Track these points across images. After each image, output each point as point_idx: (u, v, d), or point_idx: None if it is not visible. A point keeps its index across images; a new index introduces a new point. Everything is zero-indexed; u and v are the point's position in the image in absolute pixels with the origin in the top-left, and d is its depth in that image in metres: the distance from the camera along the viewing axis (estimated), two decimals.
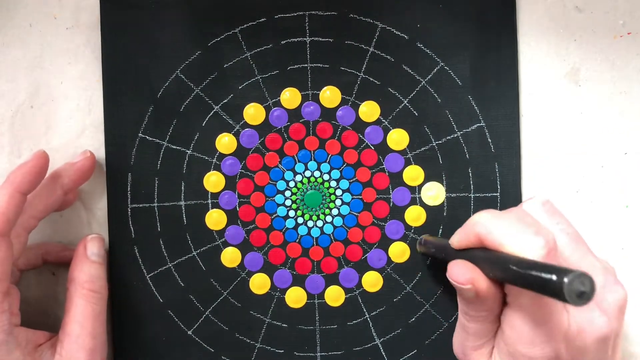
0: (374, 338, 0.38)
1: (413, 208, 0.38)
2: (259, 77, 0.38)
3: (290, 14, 0.37)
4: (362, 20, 0.37)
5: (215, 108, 0.38)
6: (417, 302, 0.38)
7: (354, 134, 0.38)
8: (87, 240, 0.36)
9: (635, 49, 0.37)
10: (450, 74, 0.37)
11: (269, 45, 0.37)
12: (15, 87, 0.38)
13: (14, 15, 0.38)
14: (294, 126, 0.38)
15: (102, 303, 0.35)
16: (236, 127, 0.38)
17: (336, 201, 0.38)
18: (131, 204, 0.38)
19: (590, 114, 0.37)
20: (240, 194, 0.38)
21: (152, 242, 0.38)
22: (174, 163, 0.38)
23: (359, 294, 0.38)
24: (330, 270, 0.38)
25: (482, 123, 0.37)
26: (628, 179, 0.38)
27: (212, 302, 0.38)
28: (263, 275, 0.38)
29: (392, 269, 0.38)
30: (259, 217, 0.38)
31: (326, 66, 0.37)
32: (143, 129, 0.38)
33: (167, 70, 0.37)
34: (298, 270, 0.38)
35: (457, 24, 0.37)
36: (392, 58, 0.37)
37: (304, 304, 0.38)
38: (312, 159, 0.38)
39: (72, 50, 0.38)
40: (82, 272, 0.34)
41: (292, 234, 0.38)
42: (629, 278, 0.38)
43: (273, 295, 0.38)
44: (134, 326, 0.38)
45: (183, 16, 0.37)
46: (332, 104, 0.38)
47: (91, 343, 0.33)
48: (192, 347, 0.38)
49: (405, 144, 0.38)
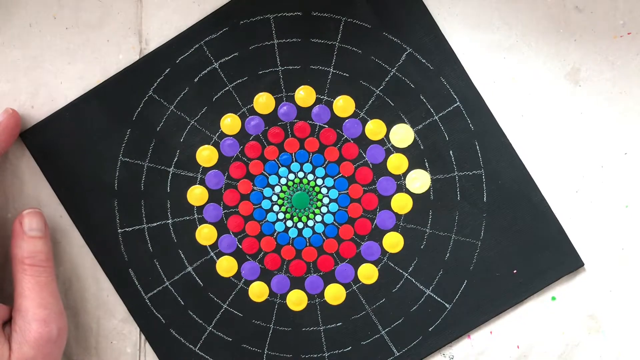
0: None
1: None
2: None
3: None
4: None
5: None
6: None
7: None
8: (23, 216, 0.35)
9: (635, 49, 0.37)
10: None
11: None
12: (15, 87, 0.38)
13: (14, 15, 0.38)
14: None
15: (47, 274, 0.35)
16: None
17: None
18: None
19: (590, 114, 0.37)
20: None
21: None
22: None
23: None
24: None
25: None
26: (628, 179, 0.37)
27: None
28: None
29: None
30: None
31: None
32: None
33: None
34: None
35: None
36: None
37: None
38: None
39: (72, 50, 0.38)
40: (20, 249, 0.35)
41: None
42: (629, 278, 0.38)
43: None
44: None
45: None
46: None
47: (42, 313, 0.34)
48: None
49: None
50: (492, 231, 0.37)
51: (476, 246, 0.38)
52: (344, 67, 0.37)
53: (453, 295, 0.38)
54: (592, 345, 0.38)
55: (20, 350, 0.33)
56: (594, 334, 0.38)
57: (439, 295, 0.38)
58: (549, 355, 0.38)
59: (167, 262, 0.38)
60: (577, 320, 0.38)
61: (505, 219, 0.37)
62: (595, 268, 0.38)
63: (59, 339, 0.35)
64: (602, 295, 0.38)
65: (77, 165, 0.38)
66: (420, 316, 0.38)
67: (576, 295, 0.38)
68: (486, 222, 0.37)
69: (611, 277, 0.38)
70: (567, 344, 0.38)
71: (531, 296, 0.38)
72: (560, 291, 0.38)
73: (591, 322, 0.38)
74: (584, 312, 0.38)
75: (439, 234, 0.38)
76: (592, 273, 0.38)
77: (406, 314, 0.38)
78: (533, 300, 0.38)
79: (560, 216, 0.37)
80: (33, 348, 0.34)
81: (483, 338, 0.38)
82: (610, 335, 0.38)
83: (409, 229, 0.38)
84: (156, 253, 0.38)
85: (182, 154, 0.38)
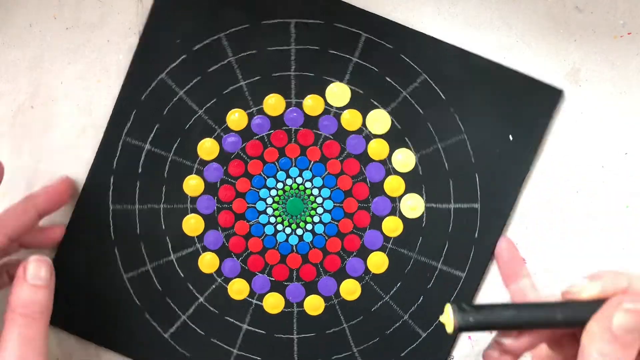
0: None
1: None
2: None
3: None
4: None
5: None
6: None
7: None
8: (28, 262, 0.33)
9: (635, 49, 0.37)
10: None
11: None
12: (15, 87, 0.38)
13: (14, 15, 0.38)
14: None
15: (37, 329, 0.32)
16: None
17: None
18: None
19: (590, 114, 0.37)
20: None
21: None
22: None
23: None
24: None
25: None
26: (628, 179, 0.37)
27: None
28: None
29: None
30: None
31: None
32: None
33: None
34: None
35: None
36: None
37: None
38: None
39: (72, 50, 0.38)
40: (15, 296, 0.32)
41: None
42: None
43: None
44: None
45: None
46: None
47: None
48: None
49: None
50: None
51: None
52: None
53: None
54: None
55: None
56: None
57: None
58: None
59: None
60: None
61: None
62: (595, 268, 0.37)
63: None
64: None
65: None
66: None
67: None
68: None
69: None
70: None
71: None
72: (560, 291, 0.37)
73: None
74: None
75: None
76: None
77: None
78: None
79: (560, 216, 0.37)
80: None
81: (483, 338, 0.38)
82: None
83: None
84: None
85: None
